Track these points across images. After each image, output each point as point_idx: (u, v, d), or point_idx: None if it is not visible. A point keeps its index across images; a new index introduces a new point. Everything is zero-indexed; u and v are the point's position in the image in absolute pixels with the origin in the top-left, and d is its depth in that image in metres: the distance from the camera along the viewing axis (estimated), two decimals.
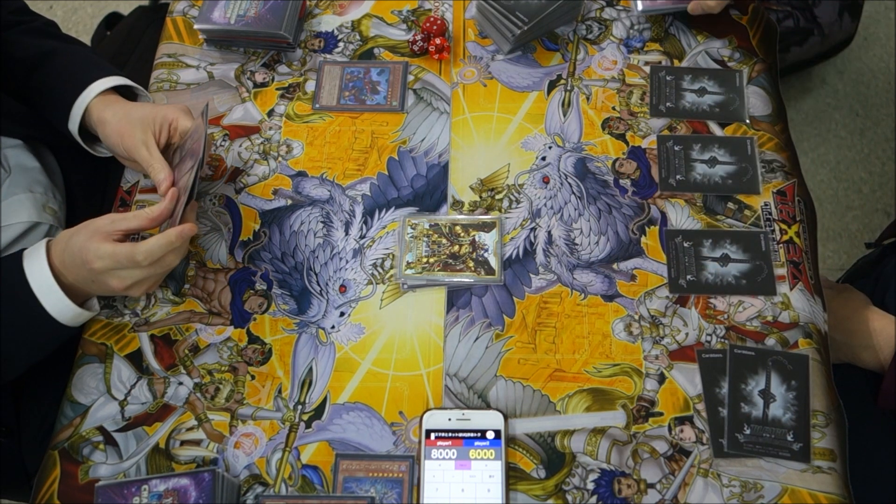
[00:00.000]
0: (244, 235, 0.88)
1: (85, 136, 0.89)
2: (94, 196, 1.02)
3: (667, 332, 0.81)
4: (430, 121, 0.95)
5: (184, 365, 0.81)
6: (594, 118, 0.94)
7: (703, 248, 0.85)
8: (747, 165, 0.89)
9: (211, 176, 0.92)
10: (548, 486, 0.74)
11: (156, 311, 0.84)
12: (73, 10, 2.02)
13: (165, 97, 0.97)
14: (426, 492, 0.72)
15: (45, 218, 0.89)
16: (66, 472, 0.76)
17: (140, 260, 0.73)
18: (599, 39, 1.00)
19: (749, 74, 0.96)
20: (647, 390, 0.78)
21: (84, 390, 0.80)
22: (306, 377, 0.80)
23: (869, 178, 1.73)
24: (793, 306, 0.82)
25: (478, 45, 1.00)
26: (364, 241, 0.87)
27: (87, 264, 0.73)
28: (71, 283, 0.76)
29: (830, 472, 0.74)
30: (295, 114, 0.96)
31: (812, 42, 1.65)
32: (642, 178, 0.90)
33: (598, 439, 0.76)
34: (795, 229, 0.86)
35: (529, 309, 0.83)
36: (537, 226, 0.87)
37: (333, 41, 1.01)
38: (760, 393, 0.77)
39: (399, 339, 0.81)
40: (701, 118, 0.93)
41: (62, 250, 0.75)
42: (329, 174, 0.91)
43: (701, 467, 0.74)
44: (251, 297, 0.84)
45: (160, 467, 0.75)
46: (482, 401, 0.78)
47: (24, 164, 0.91)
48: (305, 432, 0.77)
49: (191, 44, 1.02)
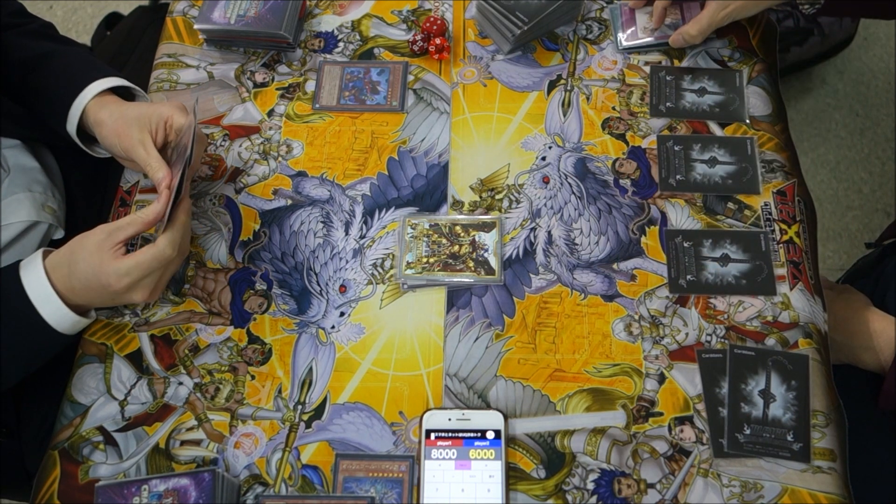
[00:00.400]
0: (244, 235, 0.88)
1: (83, 137, 0.89)
2: (94, 196, 1.02)
3: (667, 332, 0.81)
4: (430, 121, 0.95)
5: (184, 365, 0.81)
6: (594, 118, 0.94)
7: (703, 248, 0.85)
8: (747, 165, 0.89)
9: (211, 176, 0.92)
10: (548, 486, 0.74)
11: (156, 311, 0.84)
12: (73, 10, 2.02)
13: (165, 97, 0.97)
14: (426, 492, 0.72)
15: (44, 217, 0.89)
16: (66, 472, 0.76)
17: (169, 253, 0.74)
18: (599, 39, 1.00)
19: (749, 74, 0.96)
20: (647, 390, 0.78)
21: (84, 390, 0.80)
22: (306, 377, 0.80)
23: (869, 178, 1.73)
24: (793, 306, 0.82)
25: (478, 45, 1.00)
26: (364, 241, 0.87)
27: (108, 287, 0.73)
28: (78, 304, 0.76)
29: (830, 472, 0.74)
30: (295, 114, 0.96)
31: (812, 42, 1.65)
32: (642, 178, 0.90)
33: (598, 439, 0.76)
34: (795, 229, 0.86)
35: (529, 309, 0.83)
36: (537, 226, 0.87)
37: (333, 41, 1.01)
38: (760, 393, 0.77)
39: (399, 339, 0.81)
40: (701, 118, 0.93)
41: (66, 276, 0.74)
42: (329, 174, 0.91)
43: (701, 467, 0.74)
44: (251, 297, 0.84)
45: (160, 467, 0.75)
46: (482, 401, 0.78)
47: (23, 164, 0.91)
48: (305, 432, 0.77)
49: (191, 44, 1.02)
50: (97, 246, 0.73)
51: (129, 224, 0.75)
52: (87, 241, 0.74)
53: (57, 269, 0.74)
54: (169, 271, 0.78)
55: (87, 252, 0.73)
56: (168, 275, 0.79)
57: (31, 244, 0.89)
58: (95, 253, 0.73)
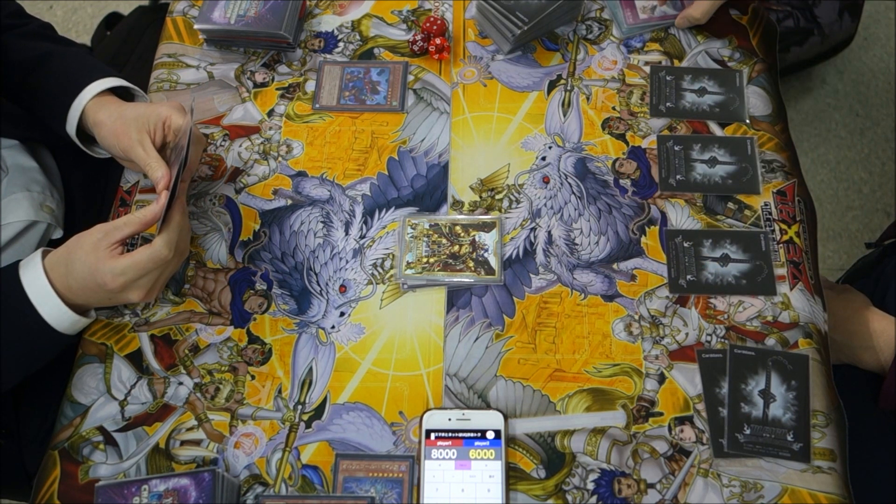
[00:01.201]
0: (244, 235, 0.88)
1: (83, 137, 0.89)
2: (94, 196, 1.02)
3: (667, 332, 0.81)
4: (430, 121, 0.95)
5: (184, 365, 0.81)
6: (594, 118, 0.94)
7: (703, 248, 0.85)
8: (747, 165, 0.89)
9: (211, 176, 0.92)
10: (548, 486, 0.74)
11: (156, 311, 0.84)
12: (72, 10, 2.02)
13: (165, 97, 0.97)
14: (426, 492, 0.72)
15: (42, 217, 0.89)
16: (66, 472, 0.76)
17: (165, 254, 0.74)
18: (599, 39, 1.00)
19: (749, 74, 0.96)
20: (647, 390, 0.78)
21: (84, 390, 0.80)
22: (306, 377, 0.80)
23: (869, 178, 1.73)
24: (793, 306, 0.82)
25: (478, 45, 1.00)
26: (364, 241, 0.87)
27: (104, 287, 0.73)
28: (76, 303, 0.76)
29: (830, 472, 0.74)
30: (295, 114, 0.96)
31: (812, 42, 1.65)
32: (642, 178, 0.90)
33: (598, 439, 0.76)
34: (795, 229, 0.86)
35: (529, 309, 0.83)
36: (537, 226, 0.87)
37: (333, 41, 1.01)
38: (760, 393, 0.77)
39: (399, 339, 0.81)
40: (701, 118, 0.93)
41: (64, 275, 0.74)
42: (329, 174, 0.91)
43: (701, 467, 0.74)
44: (251, 297, 0.84)
45: (160, 467, 0.75)
46: (482, 401, 0.78)
47: (21, 164, 0.91)
48: (305, 432, 0.77)
49: (191, 44, 1.02)
50: (94, 245, 0.73)
51: (126, 224, 0.75)
52: (84, 241, 0.74)
53: (55, 269, 0.74)
54: (167, 272, 0.78)
55: (84, 251, 0.73)
56: (166, 275, 0.79)
57: (30, 244, 0.89)
58: (92, 252, 0.73)
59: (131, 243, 0.85)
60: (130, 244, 0.85)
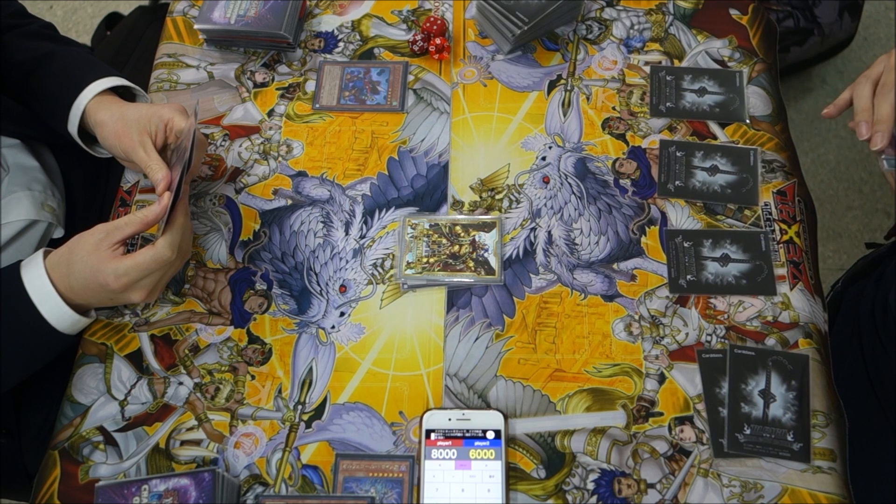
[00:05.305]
0: (244, 235, 0.88)
1: (85, 137, 0.89)
2: (95, 195, 1.02)
3: (667, 332, 0.81)
4: (430, 121, 0.95)
5: (184, 365, 0.81)
6: (594, 118, 0.94)
7: (703, 248, 0.85)
8: (748, 176, 0.89)
9: (211, 176, 0.92)
10: (548, 486, 0.74)
11: (156, 311, 0.84)
12: (73, 10, 2.02)
13: (165, 97, 0.97)
14: (426, 492, 0.72)
15: (43, 216, 0.89)
16: (66, 472, 0.76)
17: (168, 255, 0.74)
18: (599, 39, 1.00)
19: (749, 74, 0.96)
20: (647, 390, 0.78)
21: (84, 390, 0.80)
22: (306, 377, 0.80)
23: (869, 178, 1.73)
24: (793, 306, 0.82)
25: (478, 45, 1.00)
26: (364, 241, 0.87)
27: (105, 287, 0.73)
28: (77, 303, 0.76)
29: (830, 472, 0.74)
30: (295, 114, 0.96)
31: (812, 42, 1.65)
32: (642, 178, 0.90)
33: (598, 439, 0.76)
34: (795, 229, 0.86)
35: (529, 309, 0.83)
36: (537, 226, 0.87)
37: (333, 41, 1.01)
38: (760, 393, 0.77)
39: (399, 339, 0.81)
40: (701, 118, 0.93)
41: (66, 275, 0.74)
42: (329, 174, 0.91)
43: (701, 467, 0.74)
44: (251, 297, 0.84)
45: (160, 467, 0.75)
46: (482, 401, 0.78)
47: (22, 163, 0.91)
48: (305, 432, 0.77)
49: (191, 44, 1.02)
50: (95, 245, 0.73)
51: (128, 224, 0.74)
52: (86, 241, 0.74)
53: (56, 269, 0.74)
54: (169, 273, 0.78)
55: (85, 251, 0.73)
56: (168, 276, 0.79)
57: (31, 243, 0.89)
58: (93, 252, 0.73)
59: (132, 243, 0.85)
60: (131, 244, 0.85)
